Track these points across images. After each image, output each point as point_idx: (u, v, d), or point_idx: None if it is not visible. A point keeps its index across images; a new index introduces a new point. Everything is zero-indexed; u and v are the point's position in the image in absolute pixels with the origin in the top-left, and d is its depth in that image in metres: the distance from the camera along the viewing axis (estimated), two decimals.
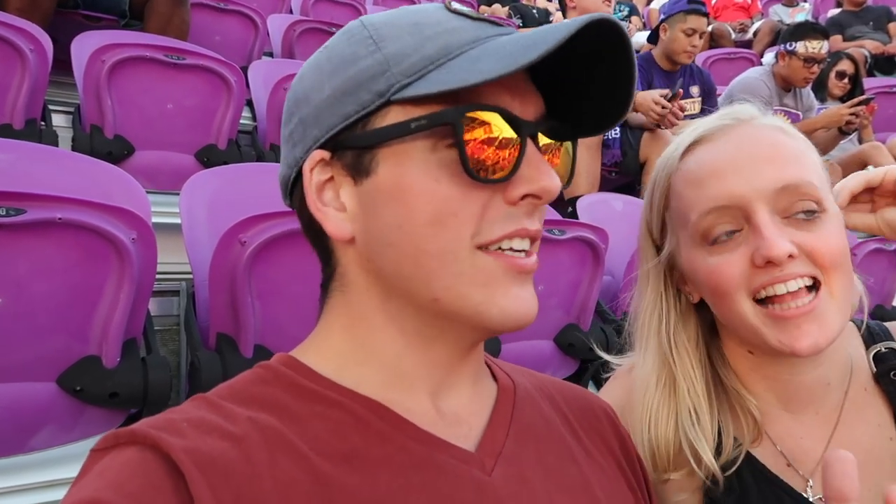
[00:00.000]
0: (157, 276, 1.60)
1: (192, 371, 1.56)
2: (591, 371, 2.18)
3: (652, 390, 0.87)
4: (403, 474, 0.55)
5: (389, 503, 0.53)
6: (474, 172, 0.55)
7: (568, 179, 0.64)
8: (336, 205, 0.60)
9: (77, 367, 1.43)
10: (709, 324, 0.91)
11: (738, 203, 0.77)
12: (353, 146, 0.58)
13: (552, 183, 0.57)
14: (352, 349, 0.61)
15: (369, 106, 0.57)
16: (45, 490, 1.42)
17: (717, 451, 0.84)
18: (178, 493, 0.47)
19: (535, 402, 0.70)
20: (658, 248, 0.91)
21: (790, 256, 0.75)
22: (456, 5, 0.61)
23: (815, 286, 0.77)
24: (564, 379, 2.17)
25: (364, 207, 0.58)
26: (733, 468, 0.83)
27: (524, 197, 0.57)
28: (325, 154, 0.59)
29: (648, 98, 3.22)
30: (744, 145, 0.80)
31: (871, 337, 0.90)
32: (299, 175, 0.61)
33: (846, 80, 4.62)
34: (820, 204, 0.77)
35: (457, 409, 0.63)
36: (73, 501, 0.46)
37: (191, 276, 1.82)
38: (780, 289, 0.76)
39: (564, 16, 6.70)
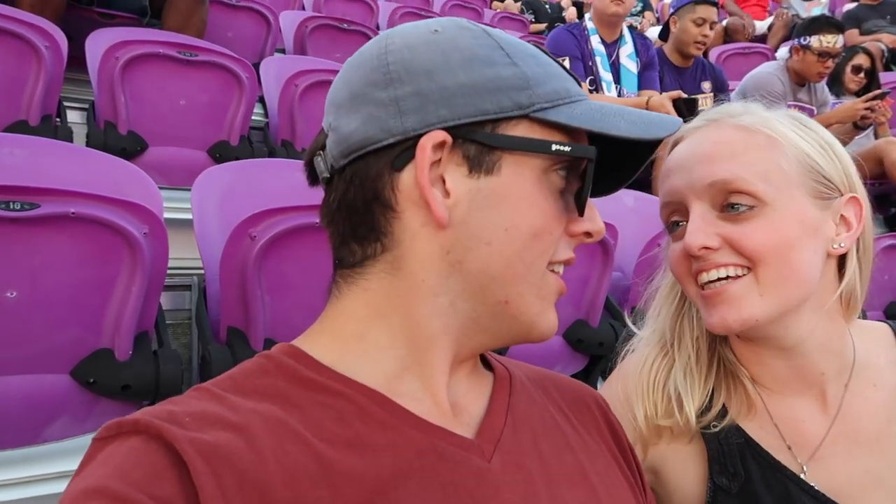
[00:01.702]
0: (170, 271, 1.61)
1: (203, 364, 1.57)
2: (599, 367, 2.18)
3: (654, 344, 0.94)
4: (406, 460, 0.56)
5: (392, 486, 0.54)
6: (583, 203, 0.64)
7: None
8: (439, 189, 0.59)
9: (90, 359, 1.45)
10: None
11: (677, 199, 0.86)
12: (481, 142, 0.59)
13: (603, 227, 0.66)
14: (362, 337, 0.62)
15: (508, 112, 0.60)
16: (58, 480, 1.43)
17: (704, 412, 0.88)
18: (181, 482, 0.48)
19: (529, 391, 0.71)
20: None
21: (707, 248, 0.81)
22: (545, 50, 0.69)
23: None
24: (573, 375, 2.18)
25: (472, 201, 0.59)
26: (715, 430, 0.87)
27: (582, 233, 0.65)
28: (448, 137, 0.59)
29: (666, 105, 3.16)
30: (693, 146, 0.87)
31: None
32: (390, 145, 0.59)
33: (862, 75, 4.56)
34: (755, 197, 0.80)
35: (455, 398, 0.64)
36: (79, 489, 0.47)
37: (202, 271, 1.84)
38: (703, 277, 0.82)
39: (580, 12, 6.68)
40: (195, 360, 1.87)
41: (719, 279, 0.81)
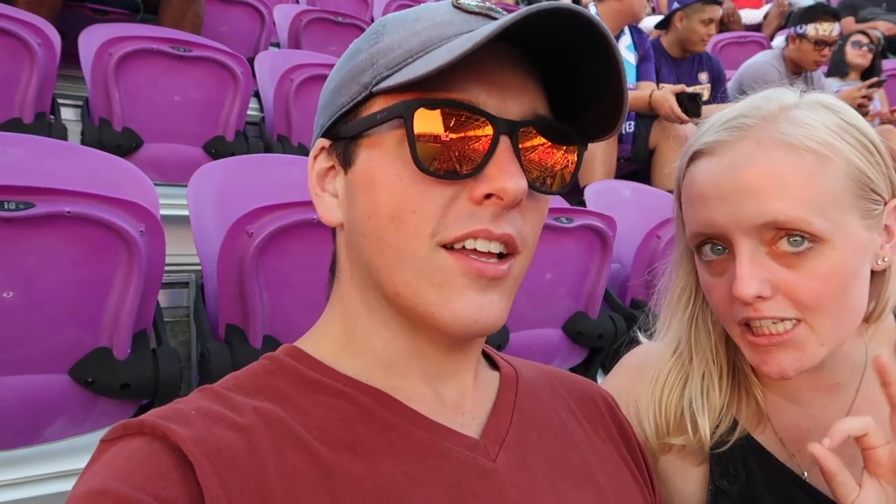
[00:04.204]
0: (167, 268, 1.61)
1: (202, 362, 1.57)
2: (599, 359, 2.18)
3: (668, 357, 0.90)
4: (408, 462, 0.55)
5: (394, 490, 0.53)
6: (425, 167, 0.53)
7: (567, 183, 0.61)
8: (332, 191, 0.63)
9: (88, 358, 1.44)
10: None
11: (720, 234, 0.76)
12: (343, 136, 0.60)
13: (511, 185, 0.53)
14: (347, 338, 0.62)
15: (357, 97, 0.59)
16: (58, 480, 1.44)
17: (716, 428, 0.86)
18: (185, 483, 0.48)
19: (536, 390, 0.70)
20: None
21: (761, 297, 0.73)
22: (464, 1, 0.60)
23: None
24: (573, 367, 2.19)
25: (347, 195, 0.61)
26: (725, 447, 0.85)
27: (488, 196, 0.54)
28: (326, 143, 0.62)
29: (669, 100, 3.16)
30: (733, 170, 0.75)
31: None
32: None
33: (864, 48, 4.50)
34: (814, 237, 0.72)
35: (459, 397, 0.63)
36: (83, 491, 0.47)
37: (200, 268, 1.83)
38: (756, 324, 0.76)
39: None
40: (194, 357, 1.86)
41: (772, 325, 0.75)
